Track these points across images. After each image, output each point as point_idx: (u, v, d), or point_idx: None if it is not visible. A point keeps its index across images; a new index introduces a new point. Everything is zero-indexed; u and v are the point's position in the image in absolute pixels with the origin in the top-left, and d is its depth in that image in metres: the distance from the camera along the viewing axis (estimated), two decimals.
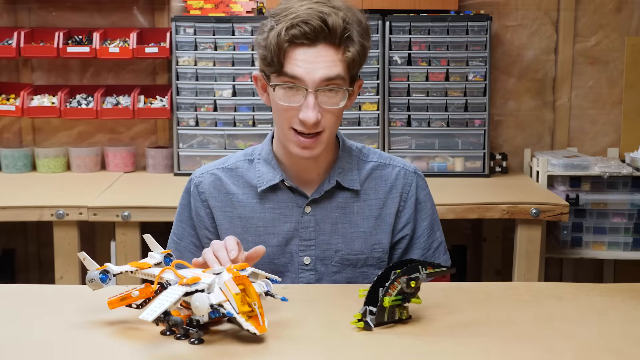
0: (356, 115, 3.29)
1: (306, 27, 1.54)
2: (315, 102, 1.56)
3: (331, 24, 1.55)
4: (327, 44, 1.56)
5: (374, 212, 1.71)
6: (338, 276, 1.70)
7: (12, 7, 3.47)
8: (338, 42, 1.57)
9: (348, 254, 1.70)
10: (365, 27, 1.62)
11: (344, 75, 1.58)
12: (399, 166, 1.75)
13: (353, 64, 1.59)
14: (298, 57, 1.56)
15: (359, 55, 1.59)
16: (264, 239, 1.69)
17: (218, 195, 1.73)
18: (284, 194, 1.70)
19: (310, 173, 1.70)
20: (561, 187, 3.24)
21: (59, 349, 1.26)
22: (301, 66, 1.56)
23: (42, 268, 3.59)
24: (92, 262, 1.40)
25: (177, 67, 3.30)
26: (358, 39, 1.59)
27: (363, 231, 1.70)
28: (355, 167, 1.73)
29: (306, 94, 1.56)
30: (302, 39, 1.55)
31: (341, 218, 1.70)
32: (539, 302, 1.49)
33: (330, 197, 1.70)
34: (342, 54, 1.57)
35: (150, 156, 3.43)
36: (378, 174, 1.74)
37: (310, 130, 1.59)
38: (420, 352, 1.24)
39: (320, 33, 1.55)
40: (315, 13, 1.55)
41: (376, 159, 1.76)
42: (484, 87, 3.29)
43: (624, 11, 3.48)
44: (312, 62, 1.56)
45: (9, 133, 3.55)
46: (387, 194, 1.72)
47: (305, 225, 1.69)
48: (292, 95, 1.58)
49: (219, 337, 1.29)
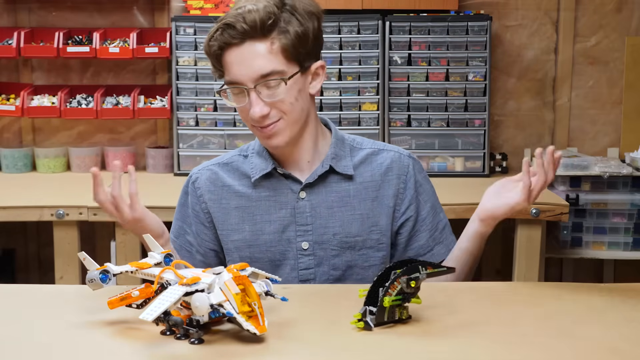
0: (356, 115, 3.29)
1: (230, 30, 1.60)
2: (258, 97, 1.61)
3: (250, 20, 1.58)
4: (253, 40, 1.60)
5: (370, 194, 1.74)
6: (337, 260, 1.72)
7: (12, 7, 3.47)
8: (262, 35, 1.59)
9: (346, 237, 1.72)
10: (304, 9, 1.63)
11: (280, 67, 1.60)
12: (394, 150, 1.79)
13: (290, 50, 1.61)
14: (230, 59, 1.62)
15: (297, 40, 1.61)
16: (261, 227, 1.72)
17: (214, 188, 1.76)
18: (278, 182, 1.73)
19: (298, 161, 1.73)
20: (561, 187, 3.24)
21: (59, 349, 1.26)
22: (235, 68, 1.61)
23: (42, 268, 3.59)
24: (92, 262, 1.40)
25: (177, 67, 3.30)
26: (294, 25, 1.60)
27: (360, 213, 1.73)
28: (349, 155, 1.75)
29: (248, 92, 1.61)
30: (230, 40, 1.60)
31: (337, 202, 1.72)
32: (539, 302, 1.49)
33: (324, 182, 1.73)
34: (271, 44, 1.60)
35: (150, 156, 3.43)
36: (373, 159, 1.77)
37: (262, 124, 1.63)
38: (420, 352, 1.24)
39: (242, 31, 1.59)
40: (238, 13, 1.60)
41: (370, 145, 1.79)
42: (484, 87, 3.29)
43: (624, 11, 3.48)
44: (243, 62, 1.60)
45: (9, 133, 3.55)
46: (383, 176, 1.75)
47: (301, 211, 1.72)
48: (239, 97, 1.64)
49: (219, 337, 1.29)
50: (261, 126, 1.64)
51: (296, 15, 1.62)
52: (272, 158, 1.73)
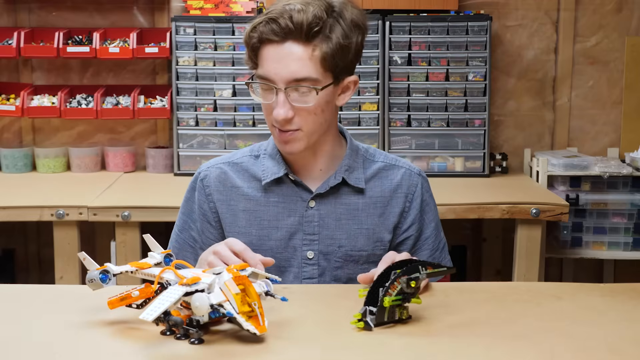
0: (356, 115, 3.29)
1: (274, 25, 1.55)
2: (286, 100, 1.58)
3: (297, 20, 1.54)
4: (294, 41, 1.56)
5: (378, 209, 1.73)
6: (340, 272, 1.71)
7: (12, 7, 3.47)
8: (305, 39, 1.55)
9: (351, 250, 1.71)
10: (353, 21, 1.59)
11: (315, 76, 1.56)
12: (405, 167, 1.77)
13: (329, 60, 1.56)
14: (267, 55, 1.58)
15: (338, 51, 1.56)
16: (268, 232, 1.71)
17: (223, 188, 1.74)
18: (289, 188, 1.72)
19: (311, 168, 1.72)
20: (561, 187, 3.24)
21: (59, 349, 1.26)
22: (270, 65, 1.57)
23: (42, 268, 3.59)
24: (92, 262, 1.40)
25: (177, 67, 3.30)
26: (338, 34, 1.56)
27: (367, 228, 1.72)
28: (362, 167, 1.74)
29: (277, 91, 1.58)
30: (271, 35, 1.56)
31: (345, 214, 1.71)
32: (539, 302, 1.49)
33: (335, 193, 1.71)
34: (312, 51, 1.56)
35: (150, 156, 3.43)
36: (384, 174, 1.75)
37: (283, 127, 1.60)
38: (420, 352, 1.24)
39: (286, 30, 1.55)
40: (287, 10, 1.55)
41: (382, 159, 1.77)
42: (484, 87, 3.29)
43: (624, 11, 3.48)
44: (279, 61, 1.56)
45: (9, 133, 3.55)
46: (392, 193, 1.74)
47: (310, 220, 1.70)
48: (267, 93, 1.61)
49: (219, 337, 1.28)
50: (281, 129, 1.61)
51: (342, 25, 1.57)
52: (285, 163, 1.71)
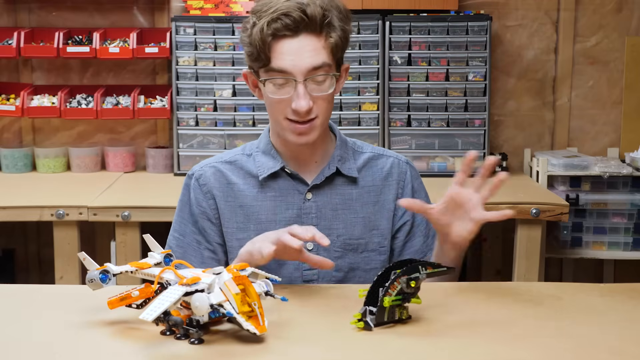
0: (356, 115, 3.29)
1: (287, 19, 1.60)
2: (305, 90, 1.62)
3: (310, 13, 1.61)
4: (309, 33, 1.62)
5: (371, 198, 1.77)
6: (340, 261, 1.73)
7: (12, 7, 3.47)
8: (319, 30, 1.63)
9: (349, 239, 1.74)
10: (345, 12, 1.68)
11: (329, 62, 1.64)
12: (393, 156, 1.84)
13: (336, 49, 1.65)
14: (283, 49, 1.62)
15: (341, 40, 1.66)
16: (267, 227, 1.71)
17: (220, 185, 1.77)
18: (285, 182, 1.75)
19: (308, 161, 1.76)
20: (561, 187, 3.23)
21: (59, 349, 1.26)
22: (287, 58, 1.61)
23: (42, 268, 3.59)
24: (92, 262, 1.40)
25: (177, 67, 3.30)
26: (339, 24, 1.65)
27: (362, 217, 1.76)
28: (352, 157, 1.79)
29: (296, 84, 1.62)
30: (284, 31, 1.61)
31: (341, 204, 1.75)
32: (539, 302, 1.49)
33: (330, 184, 1.75)
34: (325, 40, 1.64)
35: (150, 156, 3.43)
36: (373, 163, 1.81)
37: (304, 118, 1.64)
38: (420, 352, 1.24)
39: (301, 23, 1.61)
40: (293, 5, 1.61)
41: (370, 150, 1.84)
42: (484, 87, 3.29)
43: (624, 11, 3.48)
44: (297, 53, 1.62)
45: (9, 133, 3.55)
46: (383, 181, 1.79)
47: (307, 212, 1.74)
48: (282, 88, 1.64)
49: (219, 337, 1.29)
50: (300, 121, 1.64)
51: (340, 15, 1.66)
52: (281, 157, 1.75)
